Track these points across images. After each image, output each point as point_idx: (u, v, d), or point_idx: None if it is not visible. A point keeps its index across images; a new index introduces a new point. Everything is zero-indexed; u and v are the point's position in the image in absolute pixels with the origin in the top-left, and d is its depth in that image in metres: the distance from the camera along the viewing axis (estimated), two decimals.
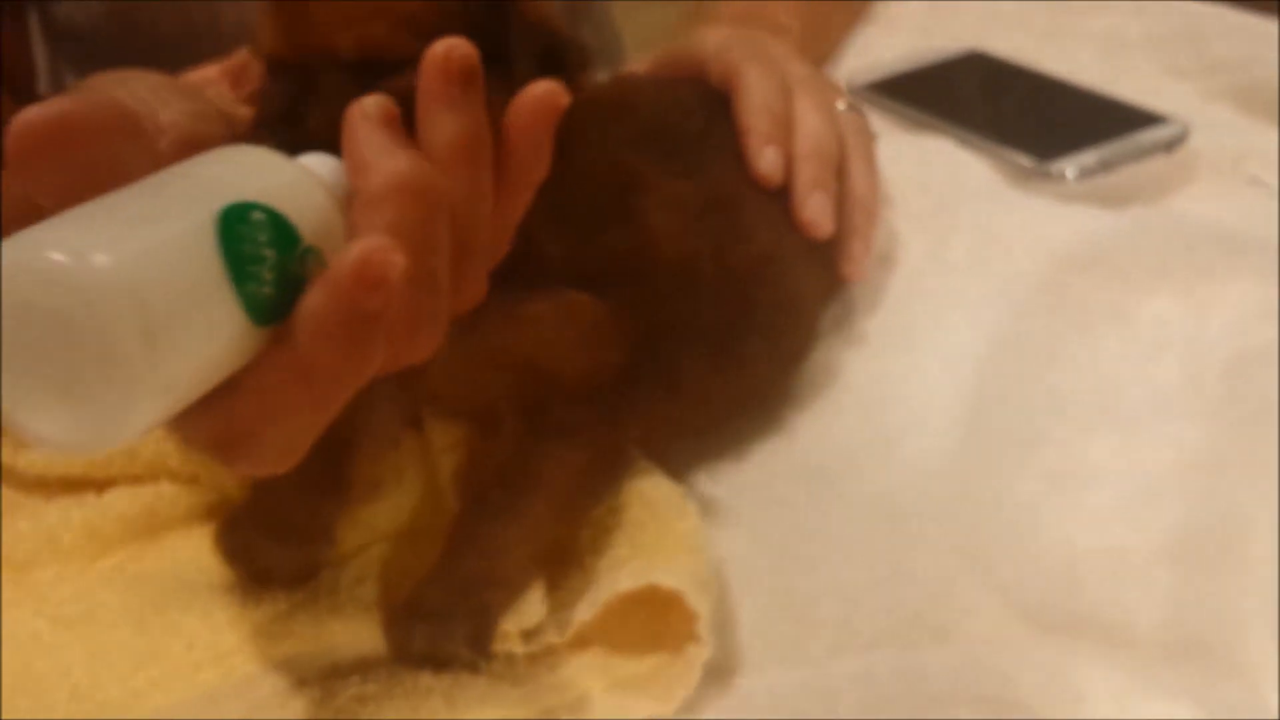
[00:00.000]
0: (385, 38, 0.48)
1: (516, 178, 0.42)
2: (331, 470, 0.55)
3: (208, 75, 0.62)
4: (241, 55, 0.61)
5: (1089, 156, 0.73)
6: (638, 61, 0.74)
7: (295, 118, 0.46)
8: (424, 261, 0.37)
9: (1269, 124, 0.79)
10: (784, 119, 0.63)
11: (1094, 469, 0.58)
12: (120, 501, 0.56)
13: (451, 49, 0.40)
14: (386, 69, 0.47)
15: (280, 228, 0.36)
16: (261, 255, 0.35)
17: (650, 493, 0.54)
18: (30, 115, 0.36)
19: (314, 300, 0.35)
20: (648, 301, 0.55)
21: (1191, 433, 0.59)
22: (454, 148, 0.40)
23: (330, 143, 0.42)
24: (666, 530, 0.52)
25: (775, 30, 0.79)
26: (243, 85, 0.58)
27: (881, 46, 0.91)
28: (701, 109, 0.64)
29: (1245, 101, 0.81)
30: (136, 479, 0.57)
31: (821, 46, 0.86)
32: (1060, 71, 0.85)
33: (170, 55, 0.87)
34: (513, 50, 0.50)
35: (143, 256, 0.33)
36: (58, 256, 0.32)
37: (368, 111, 0.40)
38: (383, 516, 0.56)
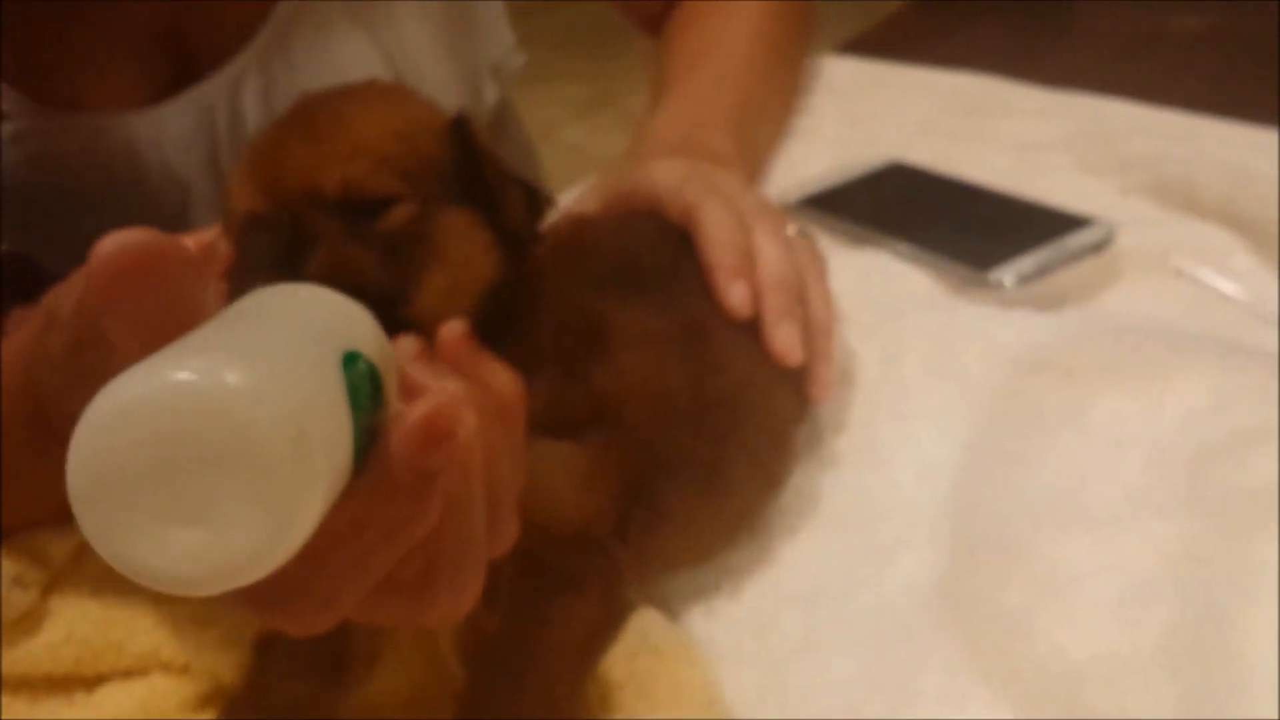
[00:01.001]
0: (367, 178, 0.49)
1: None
2: (329, 650, 0.54)
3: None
4: (206, 234, 0.60)
5: (1025, 263, 0.76)
6: (588, 198, 0.75)
7: (289, 263, 0.47)
8: (465, 511, 0.37)
9: (1186, 216, 0.83)
10: (746, 252, 0.64)
11: (1077, 573, 0.59)
12: (112, 698, 0.54)
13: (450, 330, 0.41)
14: (371, 208, 0.49)
15: (375, 381, 0.36)
16: (362, 403, 0.35)
17: (656, 639, 0.54)
18: (114, 245, 0.35)
19: (385, 450, 0.35)
20: (632, 440, 0.55)
21: (1165, 530, 0.61)
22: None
23: (330, 285, 0.43)
24: (680, 683, 0.52)
25: (713, 157, 0.81)
26: (207, 254, 0.58)
27: (806, 161, 0.94)
28: (663, 245, 0.66)
29: (1161, 195, 0.85)
30: (127, 673, 0.55)
31: (752, 167, 0.88)
32: (980, 176, 0.88)
33: (93, 210, 0.87)
34: (488, 194, 0.52)
35: (289, 385, 0.32)
36: (230, 378, 0.31)
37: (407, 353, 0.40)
38: (384, 691, 0.55)
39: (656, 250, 0.65)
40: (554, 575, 0.52)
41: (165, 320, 0.35)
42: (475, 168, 0.52)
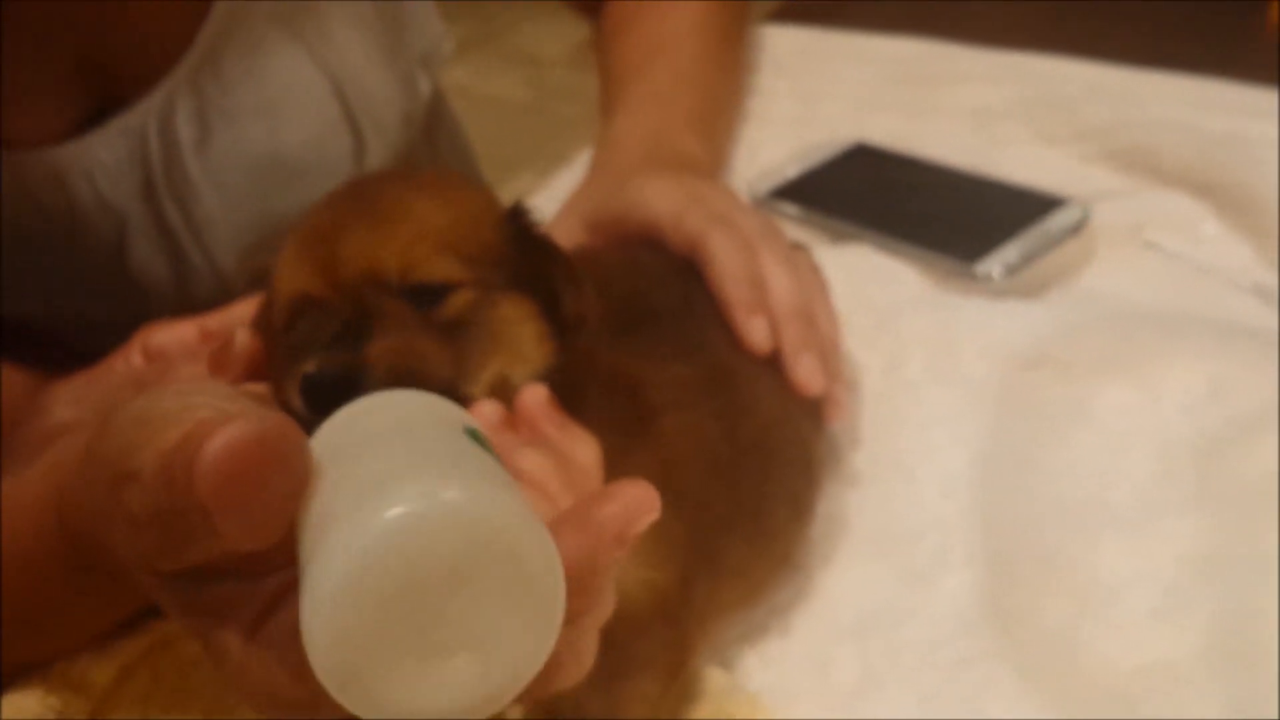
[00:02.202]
0: (429, 263, 0.48)
1: None
2: None
3: (185, 337, 0.58)
4: (218, 320, 0.57)
5: (1010, 253, 0.77)
6: (571, 219, 0.73)
7: (347, 345, 0.45)
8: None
9: (1151, 184, 0.84)
10: (758, 283, 0.63)
11: (1111, 582, 0.61)
12: None
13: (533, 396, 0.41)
14: (432, 293, 0.48)
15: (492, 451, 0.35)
16: None
17: (730, 708, 0.54)
18: (223, 445, 0.32)
19: (563, 545, 0.33)
20: (686, 504, 0.55)
21: (1183, 529, 0.63)
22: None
23: (393, 369, 0.44)
24: None
25: (685, 161, 0.79)
26: (225, 356, 0.55)
27: (763, 144, 0.93)
28: (671, 280, 0.64)
29: (1121, 163, 0.86)
30: None
31: (719, 164, 0.87)
32: (942, 152, 0.88)
33: (28, 245, 0.82)
34: (543, 282, 0.51)
35: (495, 488, 0.31)
36: (453, 495, 0.30)
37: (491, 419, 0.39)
38: None
39: (666, 286, 0.64)
40: (627, 657, 0.52)
41: (278, 507, 0.33)
42: (531, 257, 0.50)
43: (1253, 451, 0.65)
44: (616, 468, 0.54)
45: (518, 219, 0.52)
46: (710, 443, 0.57)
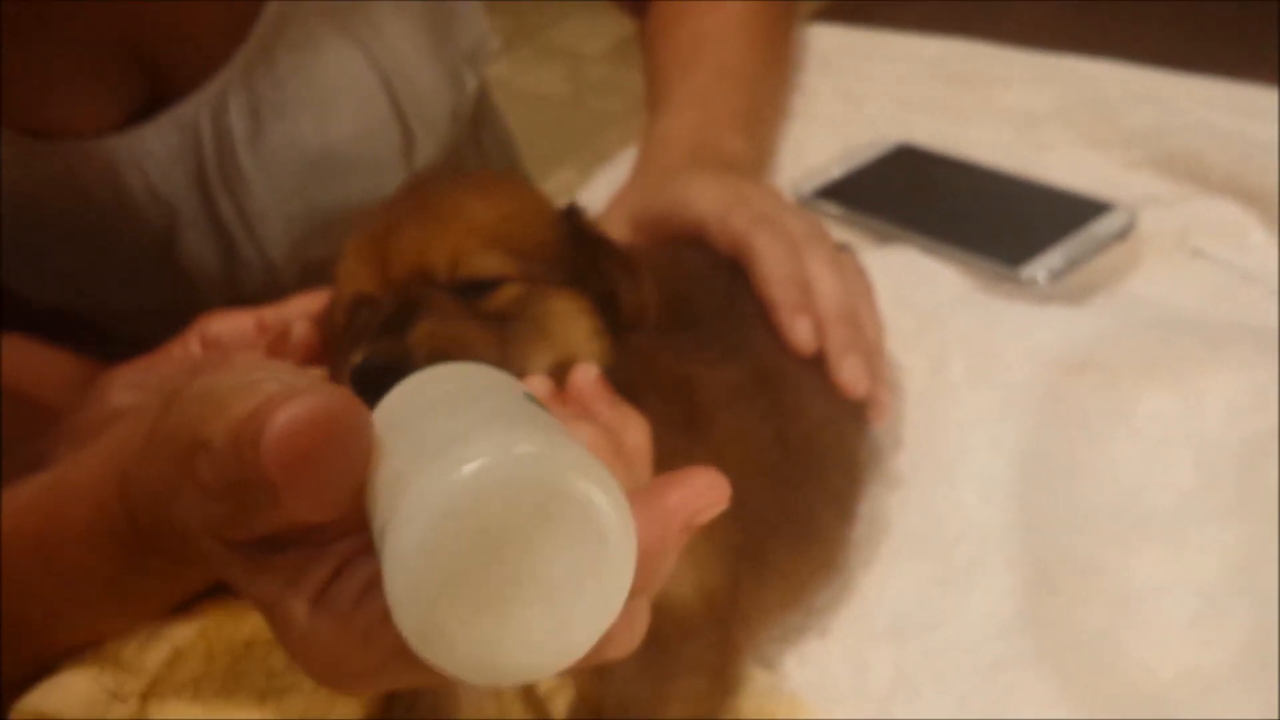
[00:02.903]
0: (476, 257, 0.49)
1: None
2: None
3: (242, 327, 0.59)
4: (274, 313, 0.58)
5: (1055, 257, 0.77)
6: (615, 217, 0.74)
7: (393, 331, 0.47)
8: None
9: (1196, 191, 0.84)
10: (803, 285, 0.64)
11: (1149, 588, 0.61)
12: None
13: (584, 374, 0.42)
14: (480, 287, 0.49)
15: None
16: None
17: (770, 706, 0.55)
18: (287, 421, 0.33)
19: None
20: (736, 508, 0.55)
21: (1225, 538, 0.63)
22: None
23: (435, 350, 0.45)
24: None
25: (730, 160, 0.80)
26: (282, 346, 0.56)
27: (808, 142, 0.93)
28: (716, 280, 0.65)
29: (1167, 169, 0.86)
30: None
31: (764, 162, 0.87)
32: (986, 154, 0.88)
33: (78, 235, 0.84)
34: (601, 281, 0.52)
35: (566, 446, 0.32)
36: (527, 448, 0.31)
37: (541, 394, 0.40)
38: None
39: (711, 286, 0.65)
40: (675, 657, 0.52)
41: (342, 479, 0.33)
42: (587, 255, 0.51)
43: None
44: (672, 467, 0.54)
45: (573, 218, 0.53)
46: (761, 446, 0.58)
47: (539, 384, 0.48)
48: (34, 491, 0.52)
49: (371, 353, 0.46)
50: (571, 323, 0.51)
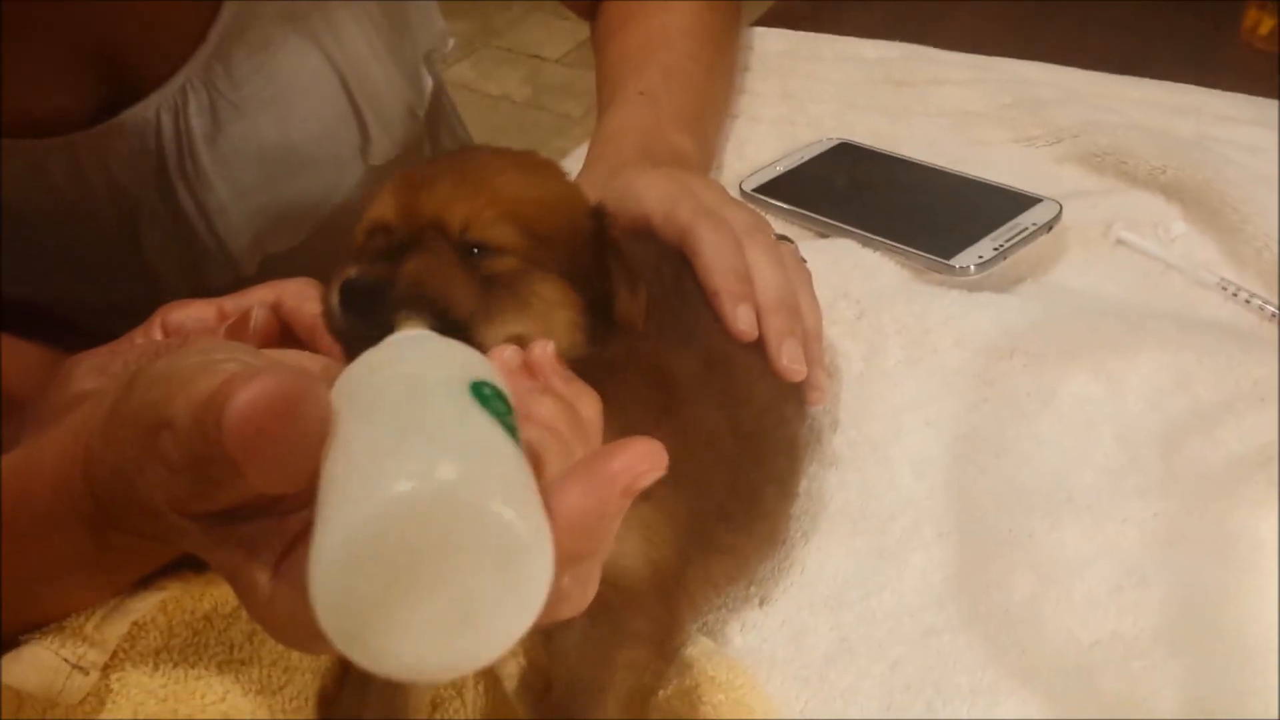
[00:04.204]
0: (489, 225, 0.52)
1: None
2: (393, 704, 0.56)
3: (203, 315, 0.61)
4: (234, 302, 0.60)
5: (985, 247, 0.80)
6: None
7: (389, 259, 0.50)
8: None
9: (1121, 184, 0.88)
10: (744, 274, 0.66)
11: (1073, 561, 0.64)
12: None
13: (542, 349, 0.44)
14: (484, 250, 0.52)
15: (504, 399, 0.38)
16: (510, 426, 0.37)
17: (710, 669, 0.57)
18: (249, 399, 0.35)
19: (574, 495, 0.37)
20: (691, 490, 0.58)
21: (1145, 510, 0.66)
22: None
23: (416, 288, 0.48)
24: (745, 710, 0.55)
25: (676, 156, 0.83)
26: (241, 332, 0.58)
27: (751, 141, 0.96)
28: (665, 269, 0.67)
29: (1094, 164, 0.90)
30: None
31: (709, 159, 0.90)
32: (922, 151, 0.91)
33: (42, 231, 0.85)
34: (605, 280, 0.54)
35: (490, 460, 0.34)
36: (448, 474, 0.33)
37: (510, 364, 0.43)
38: None
39: (661, 275, 0.67)
40: (623, 629, 0.55)
41: (301, 455, 0.36)
42: (599, 255, 0.54)
43: (1214, 440, 0.69)
44: None
45: (599, 217, 0.55)
46: (717, 431, 0.60)
47: (509, 355, 0.49)
48: None
49: (363, 273, 0.49)
50: (552, 309, 0.53)
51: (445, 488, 0.33)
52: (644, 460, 0.38)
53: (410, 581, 0.33)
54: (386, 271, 0.49)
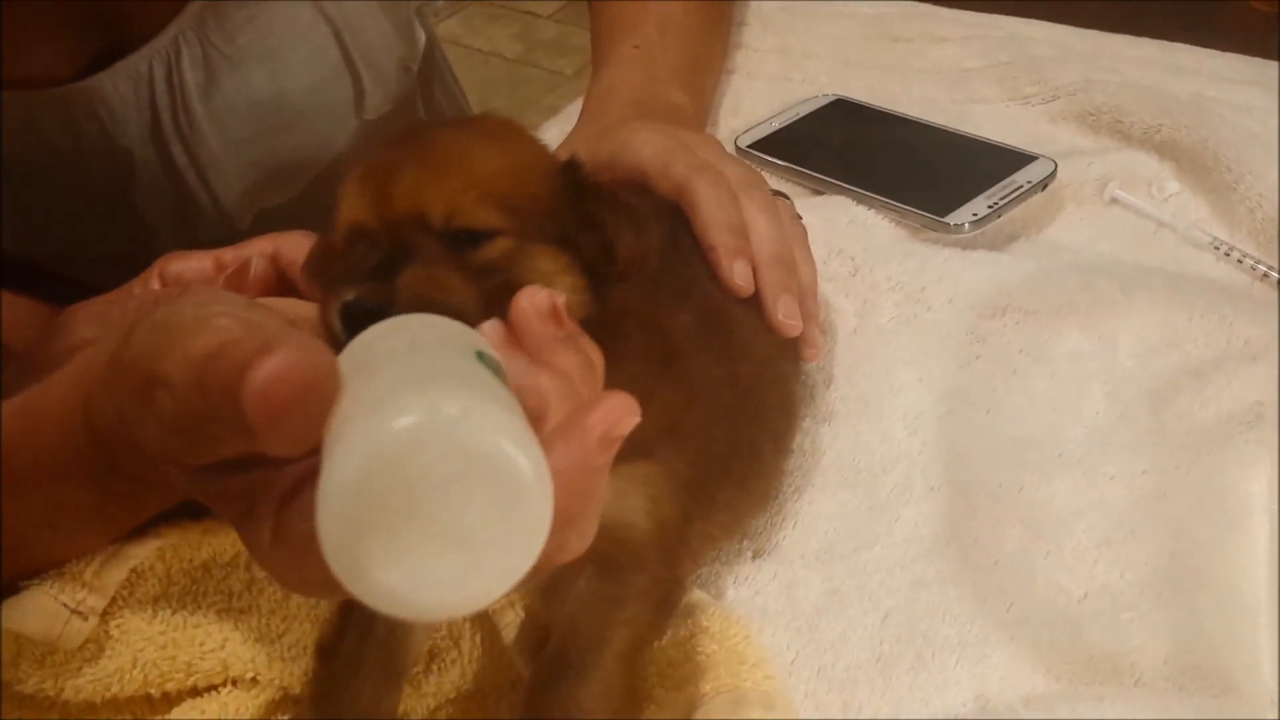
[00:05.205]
0: (472, 210, 0.50)
1: None
2: (390, 654, 0.56)
3: (201, 265, 0.61)
4: (233, 253, 0.60)
5: (979, 204, 0.80)
6: None
7: (383, 275, 0.48)
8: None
9: (1116, 143, 0.88)
10: (740, 230, 0.67)
11: (1063, 514, 0.65)
12: (187, 716, 0.56)
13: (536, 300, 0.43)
14: (472, 239, 0.50)
15: (499, 370, 0.39)
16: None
17: (704, 620, 0.58)
18: (268, 375, 0.35)
19: (558, 450, 0.38)
20: (691, 447, 0.58)
21: (1134, 465, 0.67)
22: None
23: (418, 297, 0.47)
24: (737, 660, 0.56)
25: (672, 112, 0.82)
26: (240, 281, 0.58)
27: (747, 97, 0.96)
28: (660, 223, 0.67)
29: (1090, 123, 0.90)
30: (196, 691, 0.57)
31: (704, 115, 0.90)
32: (918, 108, 0.91)
33: (36, 183, 0.85)
34: (594, 233, 0.53)
35: (494, 403, 0.35)
36: (451, 409, 0.34)
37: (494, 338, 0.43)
38: (447, 684, 0.58)
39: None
40: (627, 586, 0.55)
41: (314, 423, 0.36)
42: (585, 207, 0.53)
43: (1204, 397, 0.69)
44: (647, 401, 0.57)
45: (572, 172, 0.54)
46: (717, 387, 0.61)
47: (488, 327, 0.50)
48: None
49: (362, 294, 0.47)
50: (552, 279, 0.51)
51: (450, 422, 0.34)
52: (616, 411, 0.39)
53: (415, 516, 0.34)
54: (384, 290, 0.47)
